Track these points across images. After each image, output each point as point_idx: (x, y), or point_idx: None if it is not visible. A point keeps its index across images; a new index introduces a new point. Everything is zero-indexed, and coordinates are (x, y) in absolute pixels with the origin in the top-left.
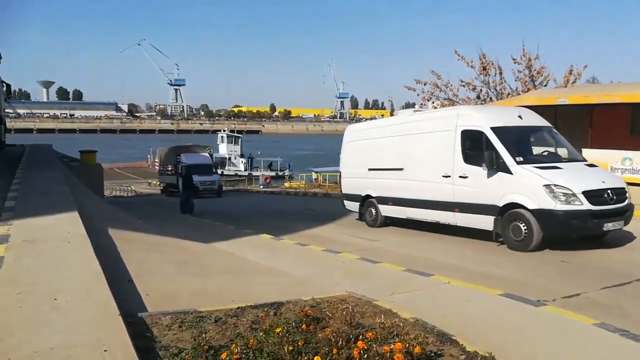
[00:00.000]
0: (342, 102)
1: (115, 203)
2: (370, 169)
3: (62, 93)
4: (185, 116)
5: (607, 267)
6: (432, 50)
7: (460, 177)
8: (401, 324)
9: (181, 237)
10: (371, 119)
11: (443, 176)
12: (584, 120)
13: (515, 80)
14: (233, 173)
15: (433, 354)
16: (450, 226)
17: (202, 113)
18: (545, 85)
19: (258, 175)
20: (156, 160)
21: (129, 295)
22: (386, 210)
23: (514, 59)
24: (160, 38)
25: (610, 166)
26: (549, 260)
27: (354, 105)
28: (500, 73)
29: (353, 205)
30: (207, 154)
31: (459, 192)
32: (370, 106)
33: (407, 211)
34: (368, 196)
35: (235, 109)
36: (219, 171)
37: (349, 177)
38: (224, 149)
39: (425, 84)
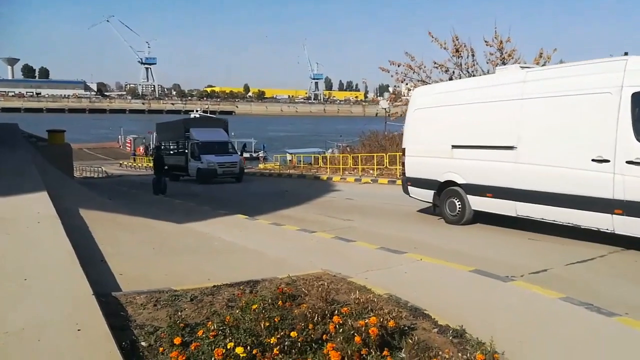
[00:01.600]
0: (316, 83)
1: (85, 184)
2: (455, 146)
3: (28, 71)
4: (157, 96)
5: (569, 244)
6: (406, 31)
7: (629, 162)
8: (375, 300)
9: (154, 218)
10: (345, 100)
11: (594, 160)
12: None
13: (487, 63)
14: None
15: (406, 328)
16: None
17: (174, 93)
18: None
19: None
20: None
21: (102, 275)
22: (480, 203)
23: (486, 42)
24: (130, 15)
25: None
26: (518, 239)
27: (328, 86)
28: (473, 55)
29: (423, 194)
30: (222, 130)
31: (626, 184)
32: (345, 88)
33: (520, 207)
34: (450, 183)
35: (208, 89)
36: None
37: (419, 155)
38: None
39: (399, 66)
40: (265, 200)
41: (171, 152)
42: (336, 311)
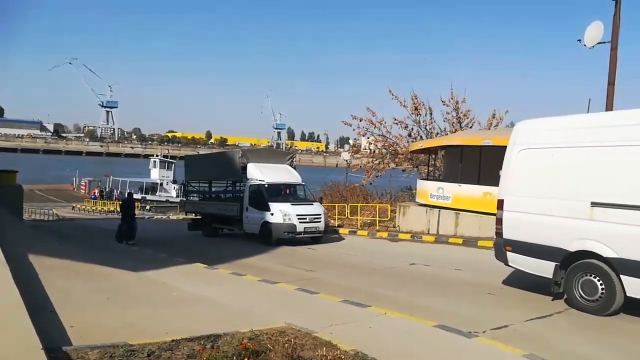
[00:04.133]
0: (279, 133)
1: (36, 227)
2: (597, 204)
3: None
4: (116, 139)
5: (529, 300)
6: (367, 88)
7: None
8: (342, 357)
9: (109, 265)
10: (307, 150)
11: None
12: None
13: (444, 121)
14: (164, 199)
15: None
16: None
17: (134, 137)
18: (471, 127)
19: None
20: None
21: (51, 327)
22: None
23: (443, 101)
24: (93, 58)
25: None
26: (476, 292)
27: (291, 136)
28: (431, 113)
29: (535, 265)
30: (290, 167)
31: None
32: (307, 138)
33: None
34: (586, 254)
35: (170, 134)
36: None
37: (529, 211)
38: (156, 174)
39: (360, 120)
40: (226, 248)
41: (210, 195)
42: None
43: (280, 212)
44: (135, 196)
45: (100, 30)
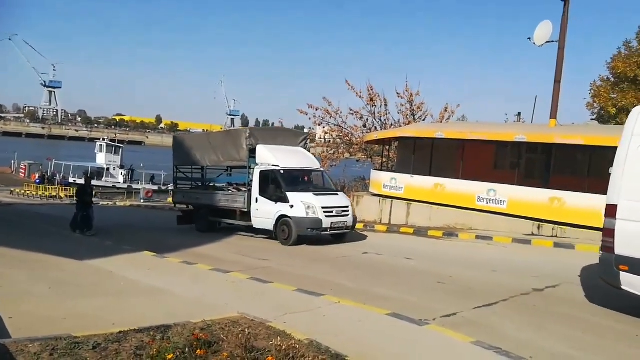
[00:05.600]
0: (232, 120)
1: None
2: None
3: None
4: (59, 121)
5: (476, 289)
6: (324, 76)
7: None
8: (297, 346)
9: (51, 254)
10: None
11: None
12: (457, 154)
13: (398, 113)
14: (111, 185)
15: None
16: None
17: (80, 119)
18: (424, 120)
19: (139, 189)
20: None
21: None
22: None
23: (398, 93)
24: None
25: (477, 196)
26: (427, 282)
27: (245, 123)
28: (386, 105)
29: None
30: (305, 151)
31: None
32: (261, 125)
33: None
34: None
35: (117, 118)
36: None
37: None
38: (102, 159)
39: (317, 109)
40: (175, 236)
41: (207, 183)
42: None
43: (302, 204)
44: (79, 181)
45: (46, 6)
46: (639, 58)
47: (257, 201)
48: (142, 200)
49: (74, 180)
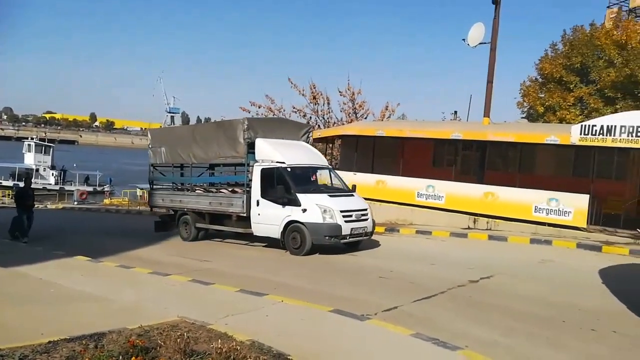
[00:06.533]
0: (172, 117)
1: None
2: None
3: None
4: None
5: (416, 282)
6: (267, 75)
7: None
8: (238, 348)
9: None
10: None
11: None
12: (397, 151)
13: (341, 111)
14: (41, 187)
15: None
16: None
17: (5, 117)
18: (366, 118)
19: (72, 190)
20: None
21: None
22: None
23: (340, 92)
24: None
25: (416, 192)
26: (369, 277)
27: (185, 121)
28: (328, 103)
29: None
30: (309, 145)
31: None
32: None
33: None
34: None
35: (47, 115)
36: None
37: None
38: (30, 159)
39: (259, 107)
40: (111, 239)
41: (193, 184)
42: None
43: (317, 208)
44: (5, 183)
45: None
46: (564, 60)
47: (258, 204)
48: (75, 203)
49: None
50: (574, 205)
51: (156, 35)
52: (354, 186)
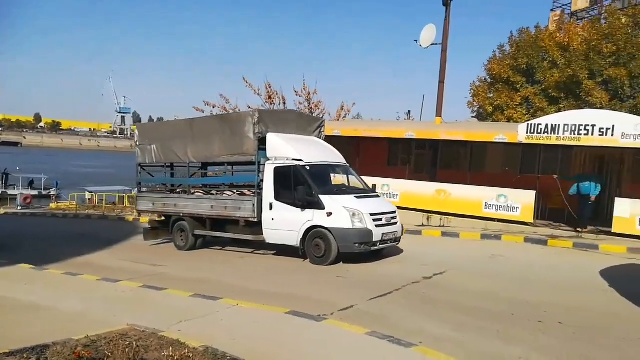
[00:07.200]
0: (123, 118)
1: None
2: None
3: None
4: None
5: (372, 280)
6: (221, 75)
7: None
8: (190, 355)
9: None
10: None
11: None
12: (353, 150)
13: None
14: None
15: None
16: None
17: None
18: (322, 118)
19: (15, 195)
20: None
21: None
22: None
23: (295, 92)
24: None
25: None
26: (327, 276)
27: (137, 121)
28: (284, 103)
29: None
30: (324, 142)
31: None
32: None
33: None
34: None
35: None
36: None
37: None
38: None
39: (213, 107)
40: (57, 245)
41: (190, 185)
42: None
43: (345, 211)
44: None
45: None
46: (511, 61)
47: (271, 208)
48: (19, 207)
49: None
50: (522, 201)
51: (104, 34)
52: (374, 186)
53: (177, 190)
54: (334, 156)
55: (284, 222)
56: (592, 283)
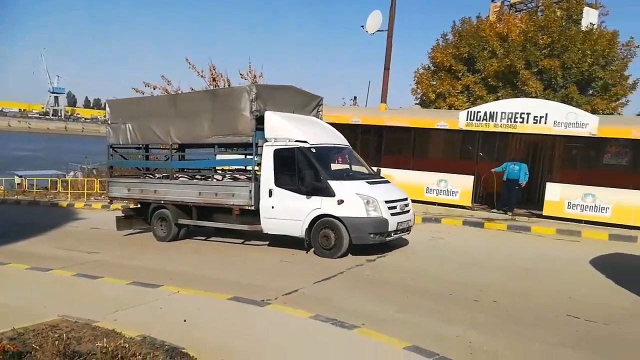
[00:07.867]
0: (56, 98)
1: None
2: None
3: None
4: None
5: (317, 264)
6: (163, 56)
7: None
8: (127, 345)
9: None
10: (92, 119)
11: None
12: None
13: None
14: None
15: None
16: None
17: None
18: None
19: None
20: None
21: None
22: None
23: (241, 74)
24: None
25: None
26: (271, 261)
27: (72, 102)
28: (229, 86)
29: None
30: (323, 122)
31: None
32: (92, 105)
33: None
34: None
35: None
36: None
37: None
38: None
39: (154, 88)
40: None
41: (174, 169)
42: None
43: (358, 198)
44: None
45: None
46: (453, 49)
47: (270, 194)
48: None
49: None
50: (461, 186)
51: (37, 9)
52: (379, 170)
53: (157, 175)
54: (337, 138)
55: (286, 211)
56: (523, 264)
